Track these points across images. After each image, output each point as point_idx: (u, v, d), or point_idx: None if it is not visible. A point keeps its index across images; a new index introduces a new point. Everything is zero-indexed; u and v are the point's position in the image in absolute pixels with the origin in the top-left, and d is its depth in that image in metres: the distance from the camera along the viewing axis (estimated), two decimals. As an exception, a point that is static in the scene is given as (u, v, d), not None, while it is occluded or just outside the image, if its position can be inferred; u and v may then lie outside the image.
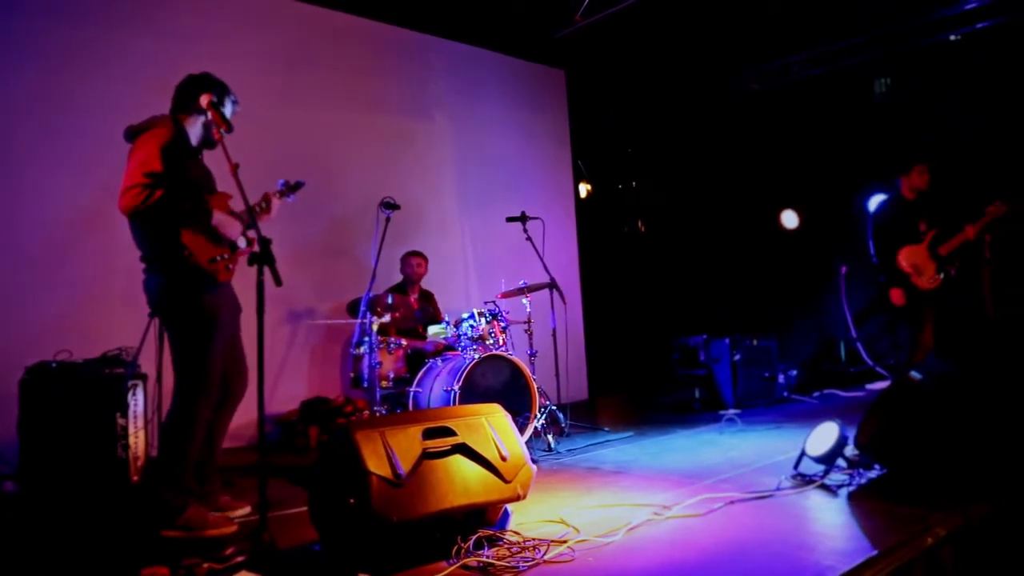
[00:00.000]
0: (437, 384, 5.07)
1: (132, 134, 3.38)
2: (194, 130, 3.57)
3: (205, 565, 2.75)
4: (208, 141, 3.60)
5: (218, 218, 3.46)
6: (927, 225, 5.81)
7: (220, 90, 3.58)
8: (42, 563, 3.11)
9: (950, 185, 6.33)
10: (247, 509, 3.64)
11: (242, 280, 3.50)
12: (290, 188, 3.99)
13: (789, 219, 9.39)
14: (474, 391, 4.90)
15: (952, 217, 5.83)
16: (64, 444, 4.18)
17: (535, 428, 5.21)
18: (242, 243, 3.61)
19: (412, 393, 5.28)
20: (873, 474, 3.70)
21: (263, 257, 2.87)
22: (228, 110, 3.61)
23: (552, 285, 5.79)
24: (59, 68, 5.34)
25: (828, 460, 3.74)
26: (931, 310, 5.73)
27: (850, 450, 3.76)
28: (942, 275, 5.67)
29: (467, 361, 4.98)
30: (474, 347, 5.30)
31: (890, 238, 5.87)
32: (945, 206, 5.96)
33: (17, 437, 4.22)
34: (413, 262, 6.43)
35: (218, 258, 3.41)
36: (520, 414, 5.03)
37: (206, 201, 3.44)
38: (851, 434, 3.76)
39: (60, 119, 5.31)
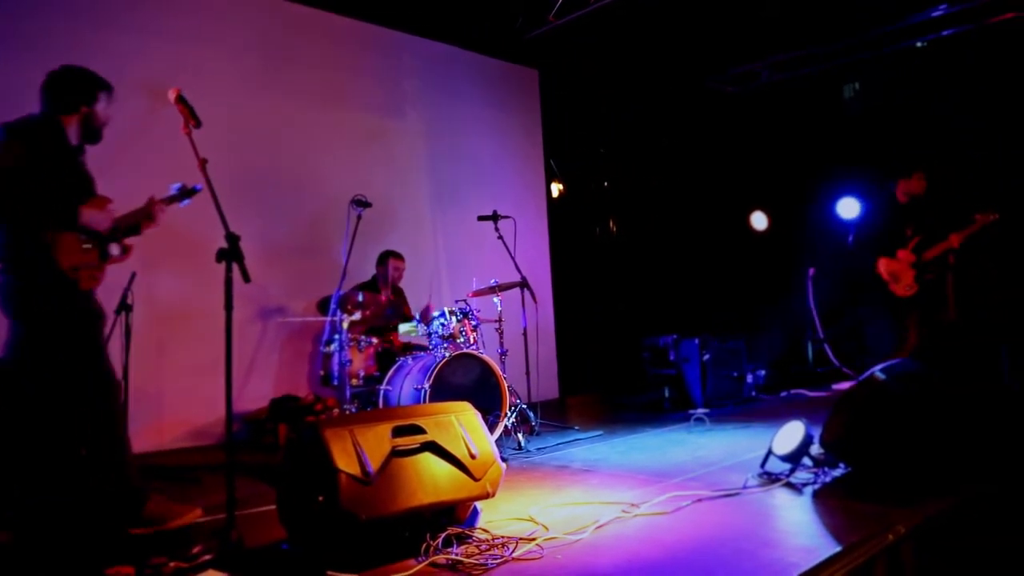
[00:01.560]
0: (407, 382, 5.06)
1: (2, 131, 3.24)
2: (72, 128, 3.42)
3: (171, 564, 2.72)
4: (89, 136, 3.46)
5: (88, 215, 3.31)
6: (913, 231, 5.94)
7: (95, 86, 3.47)
8: (3, 563, 3.06)
9: (943, 192, 6.44)
10: (198, 513, 3.47)
11: (211, 276, 3.46)
12: (184, 193, 3.75)
13: (758, 221, 9.49)
14: (444, 389, 4.89)
15: (938, 225, 5.97)
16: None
17: (505, 426, 5.22)
18: (115, 251, 3.46)
19: (382, 391, 5.26)
20: (838, 472, 3.76)
21: (231, 253, 2.85)
22: (102, 105, 3.49)
23: (523, 284, 5.81)
24: (34, 64, 5.25)
25: (794, 459, 3.79)
26: (914, 313, 5.88)
27: (816, 449, 3.82)
28: (919, 283, 5.82)
29: (438, 359, 4.97)
30: (445, 345, 5.29)
31: (875, 240, 6.01)
32: (933, 213, 6.09)
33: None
34: (397, 265, 6.40)
35: (81, 266, 3.27)
36: (490, 412, 5.03)
37: (75, 203, 3.29)
38: (817, 433, 3.82)
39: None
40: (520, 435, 5.21)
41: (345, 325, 5.27)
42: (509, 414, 5.26)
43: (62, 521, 3.45)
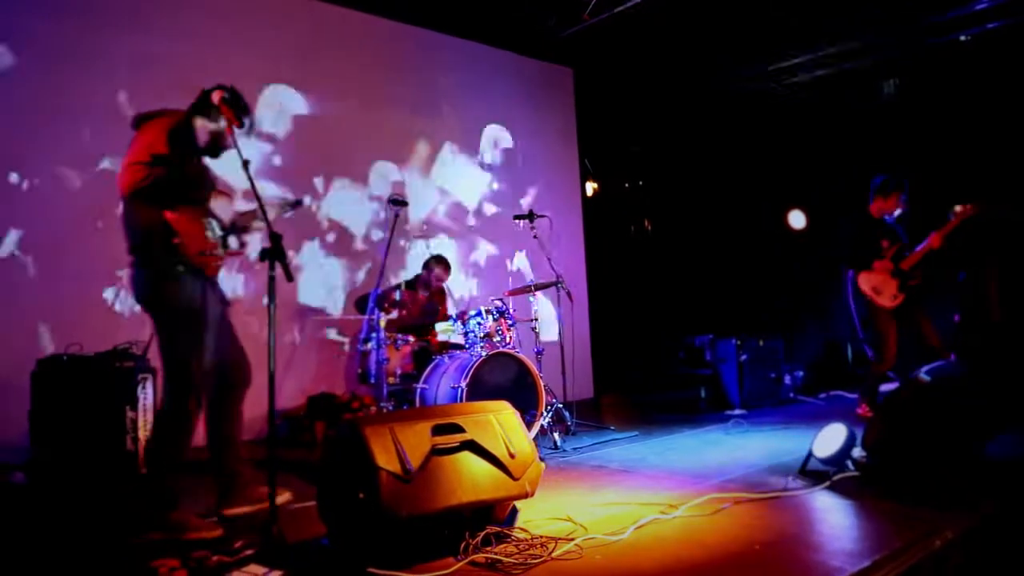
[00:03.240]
0: (444, 381, 5.08)
1: (140, 120, 3.40)
2: (202, 133, 3.50)
3: (215, 558, 2.76)
4: (213, 149, 3.55)
5: (215, 204, 3.43)
6: (889, 242, 5.79)
7: (236, 105, 3.55)
8: (51, 555, 3.13)
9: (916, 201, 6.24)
10: (288, 496, 3.63)
11: (251, 274, 3.51)
12: (289, 205, 3.87)
13: (796, 219, 9.37)
14: (481, 388, 4.90)
15: (913, 230, 5.81)
16: (74, 436, 4.21)
17: (541, 426, 5.21)
18: (233, 244, 3.54)
19: (419, 390, 5.29)
20: (881, 476, 3.70)
21: (274, 252, 2.88)
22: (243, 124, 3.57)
23: (559, 283, 5.80)
24: (61, 65, 5.36)
25: (836, 461, 3.74)
26: (893, 324, 5.70)
27: (858, 451, 3.77)
28: (904, 293, 5.66)
29: (474, 358, 4.98)
30: (481, 344, 5.30)
31: (851, 257, 5.89)
32: (906, 221, 5.94)
33: (28, 429, 4.25)
34: (439, 275, 6.30)
35: (208, 252, 3.36)
36: (527, 412, 5.03)
37: (204, 192, 3.41)
38: (859, 435, 3.76)
39: (65, 117, 5.30)
40: (556, 435, 5.20)
41: (382, 323, 5.30)
42: (545, 413, 5.25)
43: (109, 512, 3.52)
